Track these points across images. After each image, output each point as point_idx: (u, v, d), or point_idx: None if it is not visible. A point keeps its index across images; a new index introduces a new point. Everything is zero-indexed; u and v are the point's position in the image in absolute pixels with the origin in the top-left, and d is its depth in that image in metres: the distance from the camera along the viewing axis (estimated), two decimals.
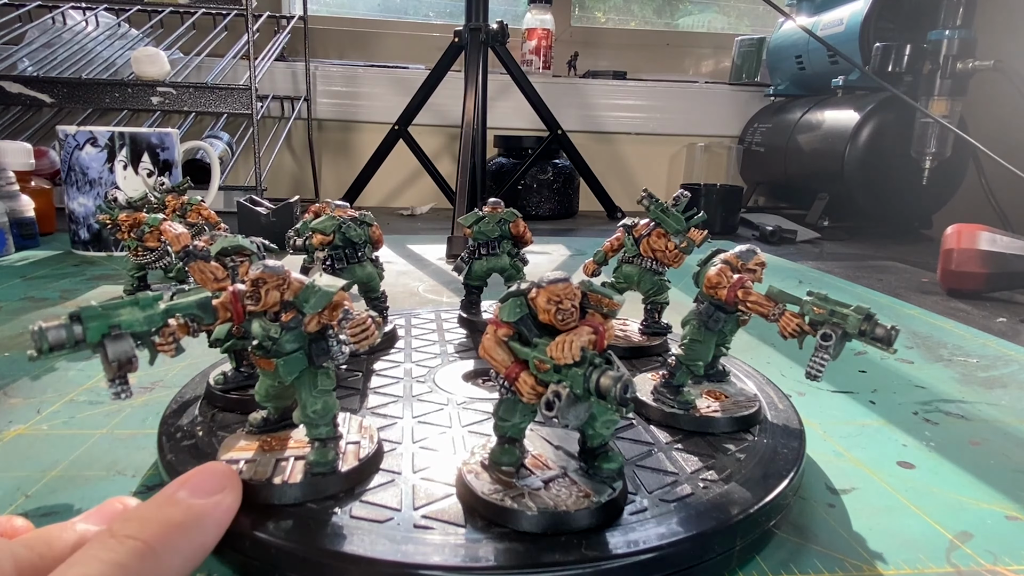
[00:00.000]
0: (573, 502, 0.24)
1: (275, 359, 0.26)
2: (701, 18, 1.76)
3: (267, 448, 0.28)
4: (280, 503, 0.25)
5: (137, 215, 0.57)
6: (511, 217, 0.48)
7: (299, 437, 0.29)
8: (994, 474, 0.33)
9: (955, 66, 1.04)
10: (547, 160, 1.33)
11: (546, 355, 0.23)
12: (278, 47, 1.29)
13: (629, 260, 0.44)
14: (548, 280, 0.24)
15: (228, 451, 0.27)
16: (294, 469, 0.26)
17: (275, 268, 0.25)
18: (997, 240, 0.72)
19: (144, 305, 0.23)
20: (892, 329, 0.28)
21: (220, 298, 0.25)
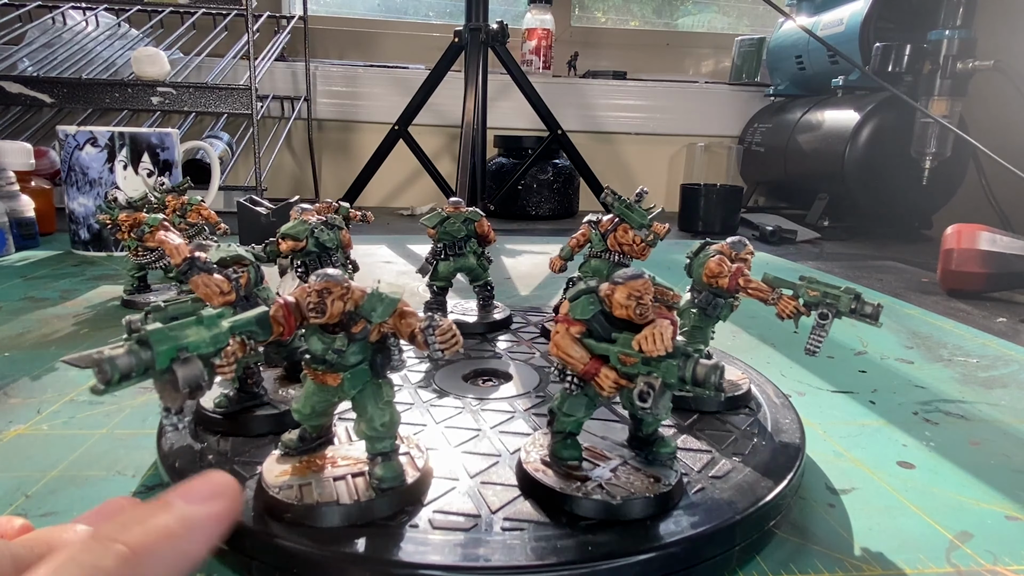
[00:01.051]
0: (647, 487, 0.25)
1: (341, 373, 0.24)
2: (701, 18, 1.76)
3: (315, 468, 0.26)
4: (355, 524, 0.24)
5: (137, 215, 0.57)
6: (476, 216, 0.48)
7: (345, 453, 0.27)
8: (994, 474, 0.33)
9: (955, 66, 1.04)
10: (547, 160, 1.33)
11: (632, 349, 0.24)
12: (278, 47, 1.29)
13: (597, 255, 0.46)
14: (626, 276, 0.24)
15: (274, 476, 0.25)
16: (358, 486, 0.25)
17: (338, 277, 0.23)
18: (997, 240, 0.72)
19: (209, 324, 0.21)
20: (878, 306, 0.31)
21: (272, 311, 0.24)
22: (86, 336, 0.50)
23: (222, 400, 0.32)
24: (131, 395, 0.40)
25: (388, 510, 0.24)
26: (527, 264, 0.85)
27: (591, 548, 0.23)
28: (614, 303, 0.24)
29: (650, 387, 0.24)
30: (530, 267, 0.83)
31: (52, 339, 0.50)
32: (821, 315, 0.32)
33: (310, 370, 0.25)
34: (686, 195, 1.25)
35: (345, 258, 0.45)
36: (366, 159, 1.27)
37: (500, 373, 0.40)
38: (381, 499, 0.24)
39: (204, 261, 0.30)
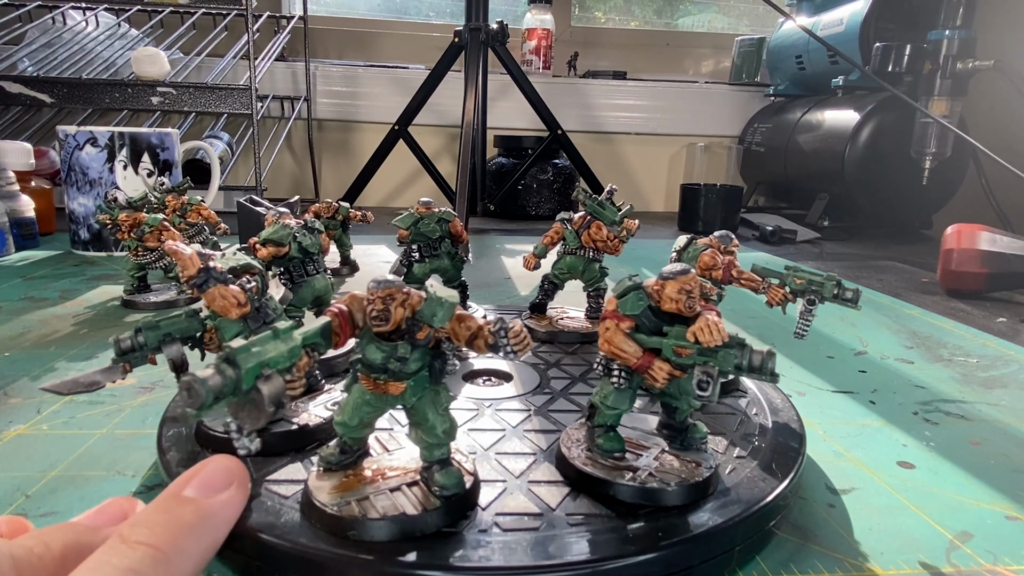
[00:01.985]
0: (692, 471, 0.27)
1: (405, 381, 0.24)
2: (701, 18, 1.76)
3: (364, 481, 0.25)
4: (425, 534, 0.23)
5: (137, 215, 0.57)
6: (449, 216, 0.47)
7: (389, 464, 0.27)
8: (994, 474, 0.33)
9: (955, 66, 1.04)
10: (547, 160, 1.33)
11: (687, 341, 0.25)
12: (278, 47, 1.29)
13: (572, 252, 0.47)
14: (675, 272, 0.25)
15: (325, 493, 0.24)
16: (418, 496, 0.24)
17: (398, 282, 0.23)
18: (997, 240, 0.72)
19: (284, 338, 0.21)
20: (857, 290, 0.35)
21: (329, 321, 0.23)
22: (86, 336, 0.50)
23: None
24: (131, 395, 0.40)
25: (453, 517, 0.24)
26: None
27: (661, 533, 0.24)
28: (664, 297, 0.25)
29: (708, 376, 0.25)
30: None
31: (52, 339, 0.50)
32: (809, 301, 0.35)
33: (368, 380, 0.24)
34: (686, 195, 1.25)
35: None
36: (366, 159, 1.27)
37: (500, 373, 0.40)
38: (445, 507, 0.24)
39: (220, 271, 0.28)
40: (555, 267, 0.48)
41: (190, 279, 0.28)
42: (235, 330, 0.29)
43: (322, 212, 0.71)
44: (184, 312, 0.29)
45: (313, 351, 0.22)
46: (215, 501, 0.19)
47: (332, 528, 0.23)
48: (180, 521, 0.18)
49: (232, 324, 0.29)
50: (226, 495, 0.20)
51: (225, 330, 0.29)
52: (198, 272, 0.28)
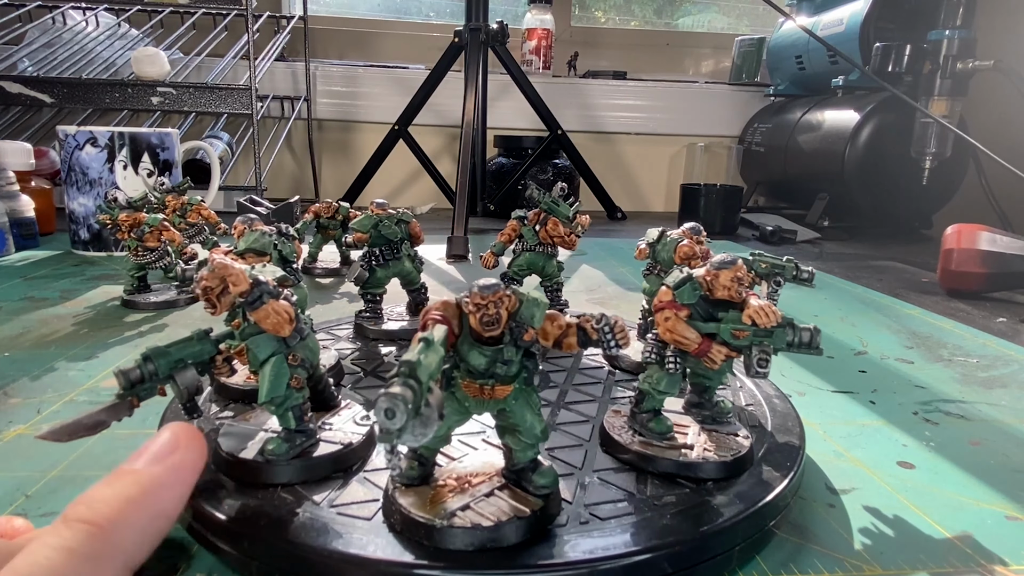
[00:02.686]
0: (736, 443, 0.29)
1: (511, 384, 0.24)
2: (701, 18, 1.76)
3: (453, 490, 0.25)
4: (537, 534, 0.24)
5: (137, 215, 0.57)
6: (408, 217, 0.47)
7: (469, 470, 0.26)
8: (994, 474, 0.33)
9: (955, 66, 1.04)
10: (547, 160, 1.33)
11: (744, 324, 0.28)
12: (278, 47, 1.29)
13: (531, 248, 0.47)
14: (727, 261, 0.28)
15: (426, 510, 0.24)
16: (517, 498, 0.24)
17: (500, 285, 0.23)
18: (997, 240, 0.72)
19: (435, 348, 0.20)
20: (811, 271, 0.37)
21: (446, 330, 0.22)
22: (86, 336, 0.50)
23: (279, 446, 0.27)
24: None
25: (555, 513, 0.25)
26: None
27: (738, 499, 0.26)
28: (718, 286, 0.28)
29: (766, 355, 0.27)
30: None
31: (52, 339, 0.50)
32: (775, 282, 0.36)
33: (472, 387, 0.24)
34: (686, 195, 1.25)
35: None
36: (366, 159, 1.27)
37: None
38: (549, 505, 0.24)
39: (273, 286, 0.26)
40: (514, 264, 0.48)
41: (243, 295, 0.25)
42: (271, 348, 0.27)
43: (322, 212, 0.71)
44: (194, 334, 0.26)
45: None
46: (157, 468, 0.19)
47: (453, 541, 0.22)
48: (119, 493, 0.18)
49: (267, 342, 0.27)
50: (172, 459, 0.20)
51: (260, 349, 0.27)
52: (251, 288, 0.26)
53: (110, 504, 0.18)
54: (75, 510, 0.17)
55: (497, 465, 0.27)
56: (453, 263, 0.84)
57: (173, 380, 0.25)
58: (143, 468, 0.19)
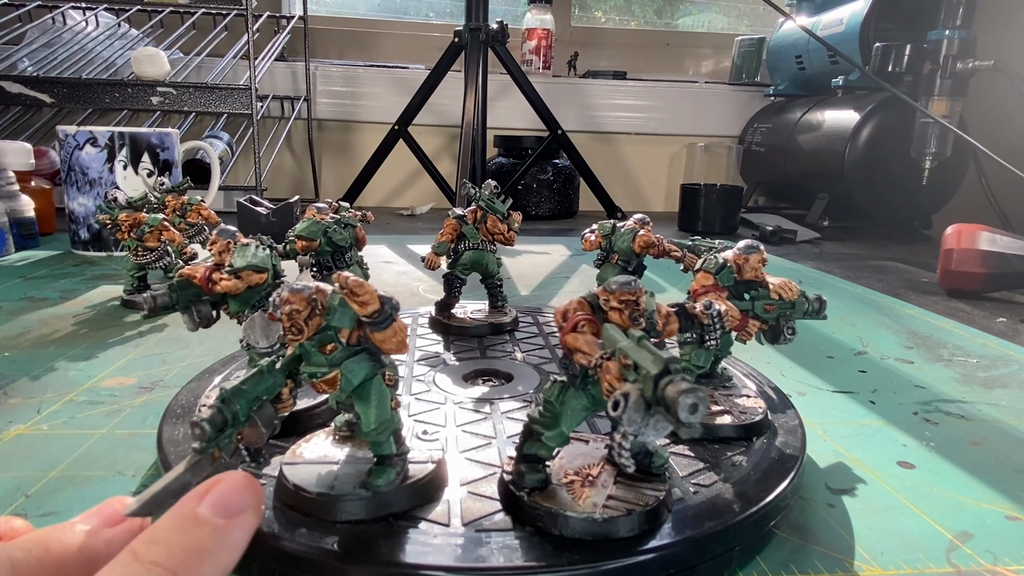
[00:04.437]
0: (756, 403, 0.34)
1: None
2: (701, 18, 1.76)
3: (588, 484, 0.26)
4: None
5: (137, 215, 0.57)
6: (354, 222, 0.45)
7: (578, 464, 0.27)
8: (994, 474, 0.33)
9: (955, 66, 1.04)
10: (547, 160, 1.33)
11: (774, 299, 0.32)
12: (278, 47, 1.29)
13: (473, 247, 0.48)
14: (752, 246, 0.32)
15: (575, 507, 0.24)
16: (636, 481, 0.26)
17: (636, 280, 0.24)
18: (997, 240, 0.72)
19: (645, 345, 0.21)
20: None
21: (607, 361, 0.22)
22: (86, 336, 0.50)
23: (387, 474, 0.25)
24: (131, 395, 0.40)
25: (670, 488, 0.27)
26: (527, 264, 0.85)
27: (738, 499, 0.26)
28: (747, 268, 0.32)
29: (792, 328, 0.32)
30: (530, 267, 0.83)
31: (52, 339, 0.50)
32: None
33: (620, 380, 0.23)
34: (686, 195, 1.25)
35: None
36: (366, 159, 1.27)
37: (500, 373, 0.40)
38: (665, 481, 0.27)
39: (396, 302, 0.24)
40: (458, 264, 0.48)
41: (373, 315, 0.23)
42: (366, 370, 0.24)
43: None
44: (262, 367, 0.23)
45: None
46: (232, 524, 0.19)
47: (619, 530, 0.23)
48: (197, 544, 0.18)
49: (363, 365, 0.24)
50: (243, 519, 0.19)
51: (355, 373, 0.24)
52: (382, 307, 0.23)
53: (187, 553, 0.17)
54: (150, 550, 0.17)
55: (597, 454, 0.28)
56: None
57: (254, 421, 0.23)
58: (215, 520, 0.19)
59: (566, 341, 0.23)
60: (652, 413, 0.20)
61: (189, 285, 0.28)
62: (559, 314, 0.24)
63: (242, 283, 0.31)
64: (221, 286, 0.31)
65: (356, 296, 0.22)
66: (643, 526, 0.24)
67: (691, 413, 0.18)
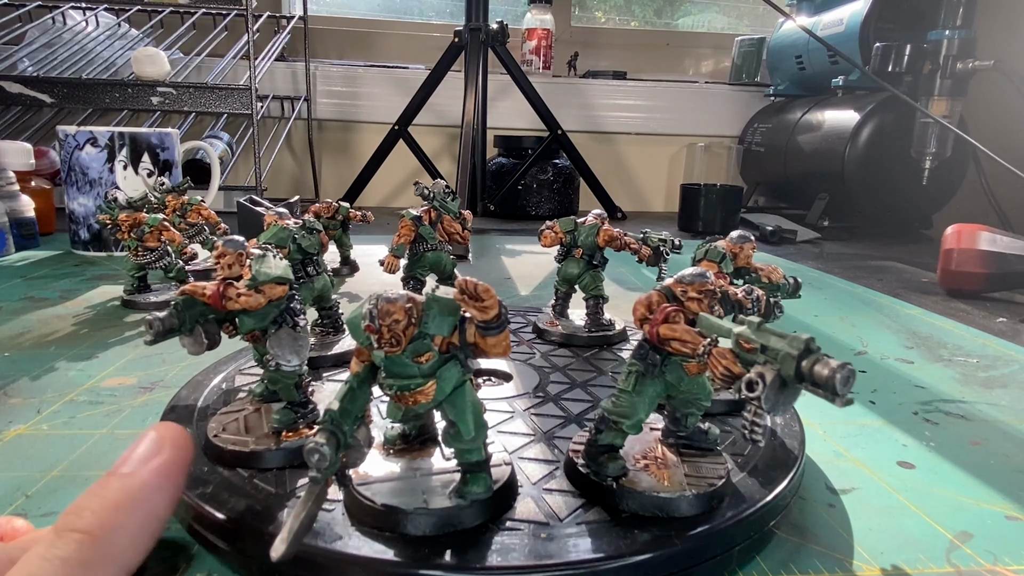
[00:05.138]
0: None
1: None
2: (701, 18, 1.76)
3: (662, 465, 0.27)
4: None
5: (137, 215, 0.57)
6: (318, 227, 0.42)
7: (641, 449, 0.29)
8: (994, 474, 0.33)
9: (955, 66, 1.04)
10: (547, 160, 1.33)
11: (764, 283, 0.35)
12: (278, 47, 1.29)
13: (432, 248, 0.47)
14: (745, 236, 0.35)
15: (670, 487, 0.26)
16: (698, 458, 0.28)
17: (707, 272, 0.25)
18: (997, 240, 0.72)
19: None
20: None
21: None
22: (86, 336, 0.50)
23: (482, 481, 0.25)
24: (131, 395, 0.40)
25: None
26: (527, 264, 0.85)
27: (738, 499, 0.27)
28: (741, 256, 0.35)
29: (780, 306, 0.34)
30: (530, 267, 0.83)
31: (52, 339, 0.50)
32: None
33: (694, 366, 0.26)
34: (686, 195, 1.25)
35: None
36: (366, 159, 1.28)
37: (500, 373, 0.40)
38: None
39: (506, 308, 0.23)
40: (417, 266, 0.48)
41: (493, 321, 0.22)
42: (457, 376, 0.24)
43: (322, 212, 0.71)
44: (351, 384, 0.23)
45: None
46: (141, 471, 0.19)
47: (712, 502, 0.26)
48: (108, 500, 0.18)
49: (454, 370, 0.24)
50: (155, 462, 0.20)
51: (447, 380, 0.23)
52: (500, 311, 0.22)
53: (99, 511, 0.18)
54: (65, 520, 0.17)
55: (649, 437, 0.29)
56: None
57: (356, 441, 0.22)
58: (129, 471, 0.19)
59: (660, 332, 0.24)
60: (785, 391, 0.21)
61: (194, 303, 0.26)
62: (643, 307, 0.25)
63: (264, 297, 0.28)
64: (241, 302, 0.27)
65: (481, 301, 0.22)
66: (726, 496, 0.26)
67: (845, 386, 0.19)
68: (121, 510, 0.18)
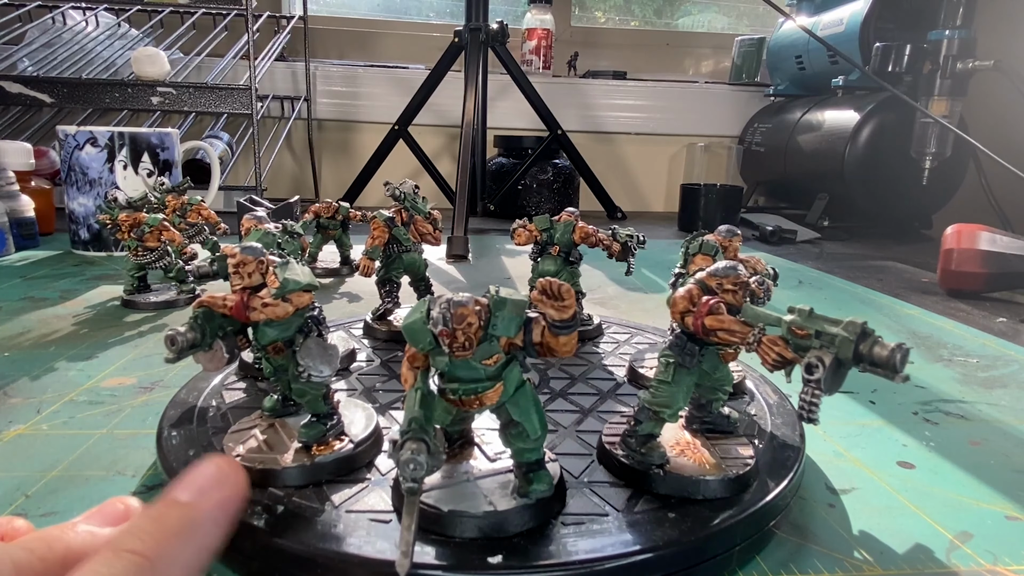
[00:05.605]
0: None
1: None
2: (701, 18, 1.76)
3: (695, 450, 0.29)
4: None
5: (137, 215, 0.57)
6: (299, 231, 0.44)
7: (672, 438, 0.30)
8: (994, 474, 0.33)
9: (955, 66, 1.04)
10: (547, 160, 1.33)
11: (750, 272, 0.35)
12: (278, 47, 1.29)
13: (407, 250, 0.47)
14: (732, 231, 0.37)
15: (712, 470, 0.27)
16: (726, 442, 0.30)
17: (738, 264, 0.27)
18: (997, 240, 0.72)
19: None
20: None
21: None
22: (86, 336, 0.50)
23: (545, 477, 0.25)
24: (131, 395, 0.40)
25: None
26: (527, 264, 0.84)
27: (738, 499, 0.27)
28: (730, 249, 0.36)
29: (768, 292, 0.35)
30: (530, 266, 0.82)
31: (52, 339, 0.50)
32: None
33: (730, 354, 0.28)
34: (686, 195, 1.25)
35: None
36: (366, 159, 1.27)
37: None
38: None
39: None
40: (392, 268, 0.47)
41: (571, 319, 0.22)
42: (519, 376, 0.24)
43: (322, 212, 0.71)
44: (423, 390, 0.23)
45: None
46: (203, 502, 0.19)
47: (749, 480, 0.27)
48: (167, 526, 0.18)
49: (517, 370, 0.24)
50: (216, 496, 0.20)
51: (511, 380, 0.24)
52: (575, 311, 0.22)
53: (158, 536, 0.18)
54: (123, 539, 0.17)
55: (674, 426, 0.30)
56: (453, 263, 0.84)
57: (437, 448, 0.22)
58: (190, 501, 0.19)
59: (706, 323, 0.26)
60: (838, 372, 0.22)
61: (213, 316, 0.25)
62: (685, 302, 0.26)
63: (292, 306, 0.26)
64: (267, 312, 0.26)
65: (562, 301, 0.22)
66: (759, 474, 0.28)
67: (903, 364, 0.21)
68: (179, 538, 0.18)
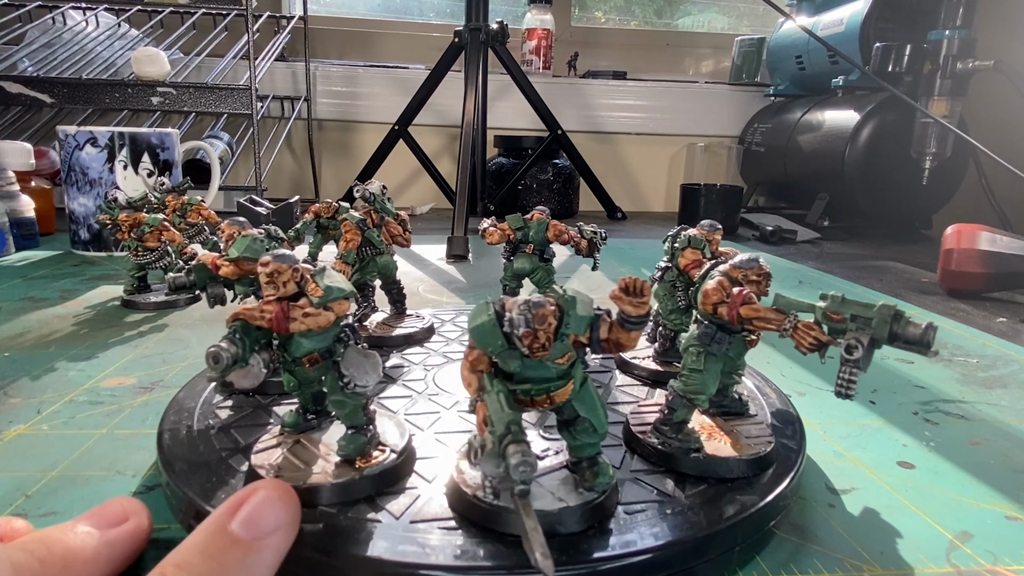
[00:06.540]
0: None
1: None
2: (701, 18, 1.76)
3: (721, 432, 0.31)
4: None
5: (137, 215, 0.57)
6: (281, 236, 0.42)
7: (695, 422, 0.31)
8: (994, 474, 0.33)
9: (955, 66, 1.04)
10: (547, 160, 1.33)
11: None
12: (278, 47, 1.29)
13: (380, 252, 0.47)
14: (715, 226, 0.38)
15: (742, 449, 0.29)
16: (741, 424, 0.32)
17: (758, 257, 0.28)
18: (997, 240, 0.72)
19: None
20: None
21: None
22: (86, 336, 0.50)
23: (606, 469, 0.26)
24: (131, 395, 0.40)
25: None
26: None
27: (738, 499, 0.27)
28: (714, 243, 0.37)
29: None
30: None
31: (52, 339, 0.50)
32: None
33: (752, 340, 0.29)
34: (686, 195, 1.25)
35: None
36: (366, 159, 1.27)
37: None
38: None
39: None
40: (367, 272, 0.47)
41: (647, 314, 0.23)
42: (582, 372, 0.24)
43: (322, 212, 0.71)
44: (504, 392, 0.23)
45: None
46: (263, 544, 0.18)
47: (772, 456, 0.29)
48: (227, 562, 0.17)
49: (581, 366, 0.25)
50: (276, 538, 0.18)
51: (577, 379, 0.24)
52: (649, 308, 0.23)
53: (216, 571, 0.17)
54: (180, 571, 0.17)
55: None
56: (453, 263, 0.84)
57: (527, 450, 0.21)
58: (246, 540, 0.18)
59: (741, 313, 0.27)
60: (871, 352, 0.25)
61: (249, 329, 0.25)
62: (717, 294, 0.28)
63: (333, 315, 0.27)
64: (308, 323, 0.26)
65: (640, 298, 0.22)
66: (777, 453, 0.29)
67: (934, 341, 0.23)
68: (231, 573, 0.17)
